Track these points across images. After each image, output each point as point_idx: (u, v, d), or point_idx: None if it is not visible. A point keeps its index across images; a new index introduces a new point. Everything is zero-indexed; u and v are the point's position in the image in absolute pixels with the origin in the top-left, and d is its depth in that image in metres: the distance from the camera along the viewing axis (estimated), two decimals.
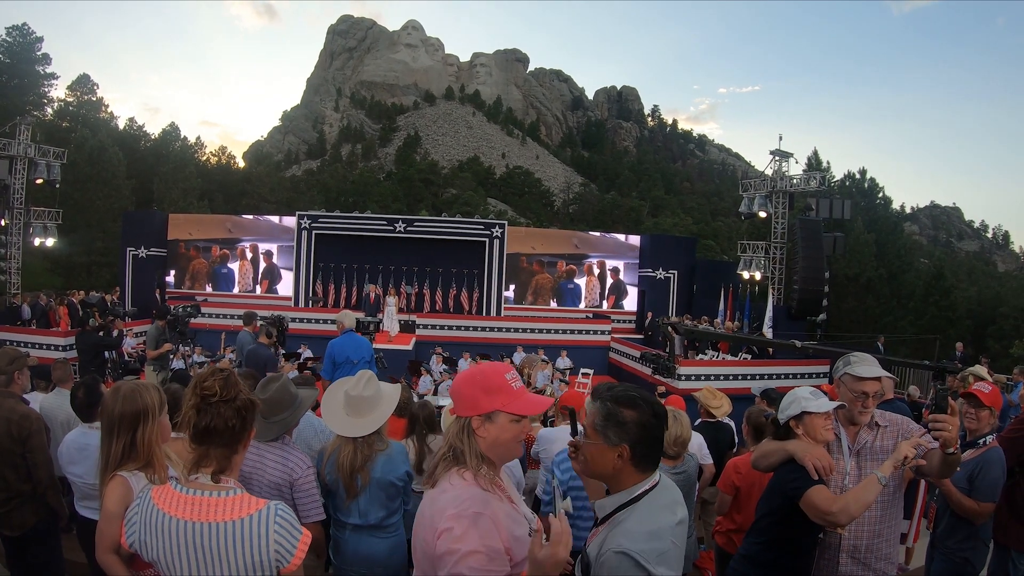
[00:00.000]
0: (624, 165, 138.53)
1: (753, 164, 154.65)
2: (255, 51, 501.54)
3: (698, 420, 5.00)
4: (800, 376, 13.79)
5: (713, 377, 12.95)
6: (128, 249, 20.36)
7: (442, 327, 18.47)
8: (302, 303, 19.76)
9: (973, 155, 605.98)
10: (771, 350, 15.25)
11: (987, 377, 6.21)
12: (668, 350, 13.40)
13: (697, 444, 4.31)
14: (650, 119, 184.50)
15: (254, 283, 21.65)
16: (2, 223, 19.25)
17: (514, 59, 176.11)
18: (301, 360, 13.06)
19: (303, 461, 2.66)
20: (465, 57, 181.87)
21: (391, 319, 16.89)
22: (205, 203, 40.76)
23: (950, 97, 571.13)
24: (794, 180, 20.85)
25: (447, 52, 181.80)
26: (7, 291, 19.65)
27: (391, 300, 17.35)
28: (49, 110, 42.35)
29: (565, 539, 1.50)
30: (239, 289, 21.53)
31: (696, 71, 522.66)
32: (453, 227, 20.97)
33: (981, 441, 3.26)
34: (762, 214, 21.20)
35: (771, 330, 17.48)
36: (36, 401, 4.07)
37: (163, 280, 21.01)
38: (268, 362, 6.90)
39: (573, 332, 18.88)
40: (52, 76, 40.88)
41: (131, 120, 51.01)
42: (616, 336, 18.89)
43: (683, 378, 12.90)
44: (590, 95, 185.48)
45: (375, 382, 2.78)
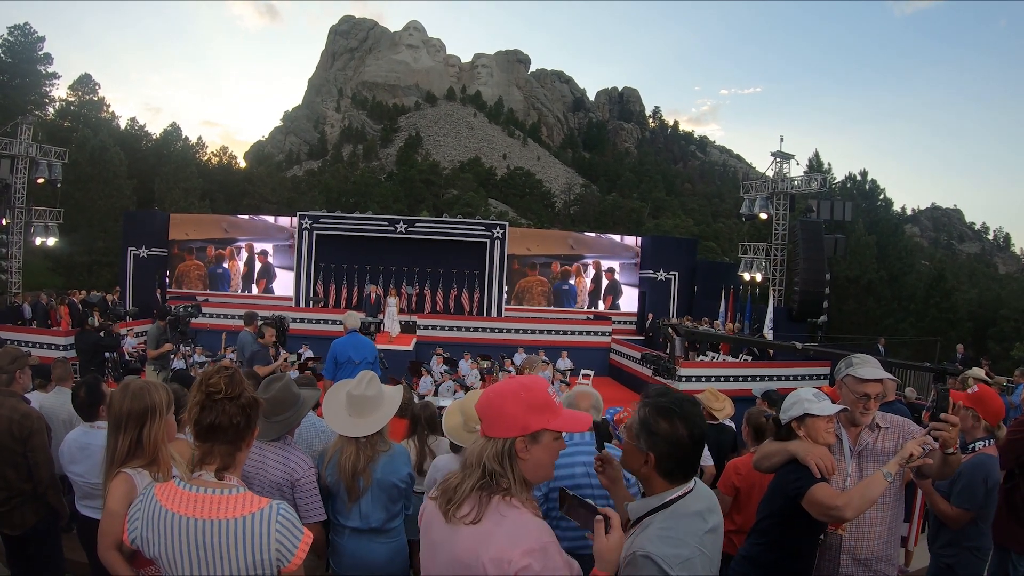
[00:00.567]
0: (625, 166, 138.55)
1: (754, 166, 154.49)
2: (256, 51, 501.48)
3: None
4: (801, 378, 13.78)
5: (714, 378, 12.95)
6: (129, 249, 20.35)
7: (443, 328, 18.46)
8: (303, 303, 19.76)
9: (974, 157, 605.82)
10: (771, 352, 15.25)
11: (986, 379, 6.20)
12: (669, 351, 13.40)
13: None
14: (651, 120, 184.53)
15: (247, 283, 21.65)
16: (3, 222, 19.28)
17: (515, 60, 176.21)
18: (302, 360, 13.09)
19: (304, 461, 2.66)
20: (466, 58, 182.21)
21: (392, 320, 16.90)
22: (206, 203, 40.80)
23: (951, 99, 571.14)
24: (795, 182, 20.85)
25: (448, 53, 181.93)
26: (8, 290, 19.68)
27: (392, 301, 17.36)
28: (51, 110, 42.41)
29: (618, 522, 1.57)
30: (232, 289, 21.56)
31: (697, 72, 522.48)
32: (454, 228, 20.96)
33: (971, 447, 3.23)
34: (763, 216, 21.20)
35: (772, 332, 17.47)
36: (37, 400, 4.07)
37: (164, 280, 21.02)
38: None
39: (574, 333, 18.87)
40: (54, 76, 40.98)
41: (132, 120, 51.21)
42: (616, 337, 18.90)
43: (684, 379, 12.90)
44: (591, 96, 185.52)
45: (377, 382, 2.76)
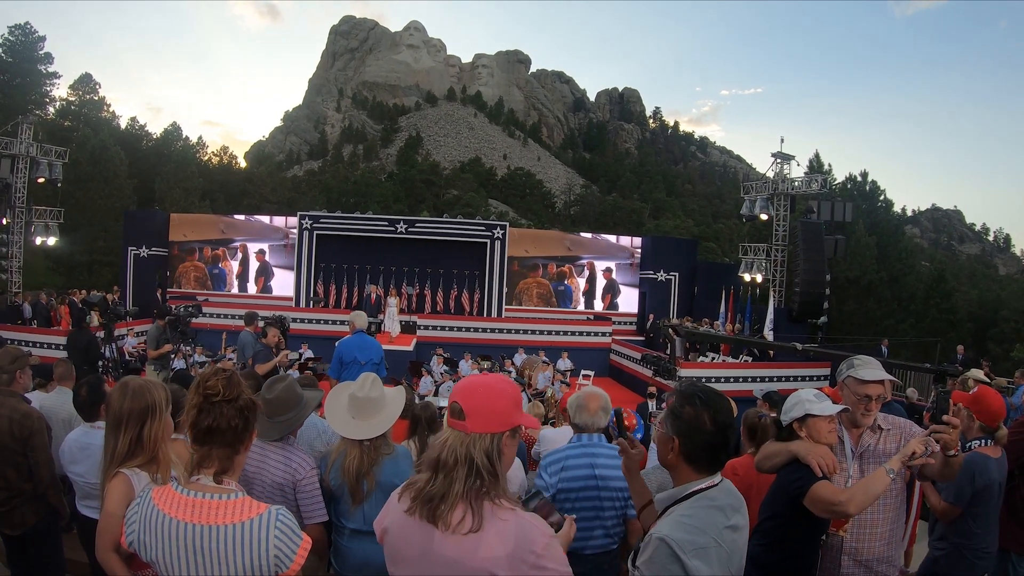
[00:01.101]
0: (625, 167, 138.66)
1: (755, 166, 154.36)
2: (257, 51, 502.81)
3: None
4: (801, 379, 13.78)
5: (714, 379, 12.98)
6: (129, 248, 20.34)
7: (443, 328, 18.45)
8: (303, 303, 19.76)
9: (974, 158, 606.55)
10: (772, 352, 15.24)
11: (985, 380, 6.20)
12: (669, 352, 13.39)
13: None
14: (652, 121, 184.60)
15: (243, 283, 21.67)
16: (4, 222, 19.25)
17: (516, 60, 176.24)
18: (302, 360, 13.10)
19: (306, 462, 2.65)
20: (467, 58, 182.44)
21: (392, 320, 16.91)
22: (207, 203, 40.77)
23: (952, 100, 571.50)
24: (795, 183, 20.83)
25: (449, 53, 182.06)
26: (8, 290, 19.66)
27: (392, 301, 17.37)
28: (51, 109, 42.31)
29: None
30: (227, 289, 21.59)
31: (698, 73, 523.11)
32: (454, 228, 20.96)
33: (968, 445, 3.23)
34: (763, 216, 21.18)
35: (772, 332, 17.46)
36: (37, 400, 4.07)
37: (164, 280, 21.02)
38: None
39: (574, 334, 18.86)
40: (54, 75, 40.86)
41: (133, 120, 51.15)
42: (616, 338, 18.89)
43: (684, 380, 12.88)
44: (592, 97, 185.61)
45: (379, 384, 2.76)
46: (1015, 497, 3.34)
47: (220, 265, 21.72)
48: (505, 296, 21.05)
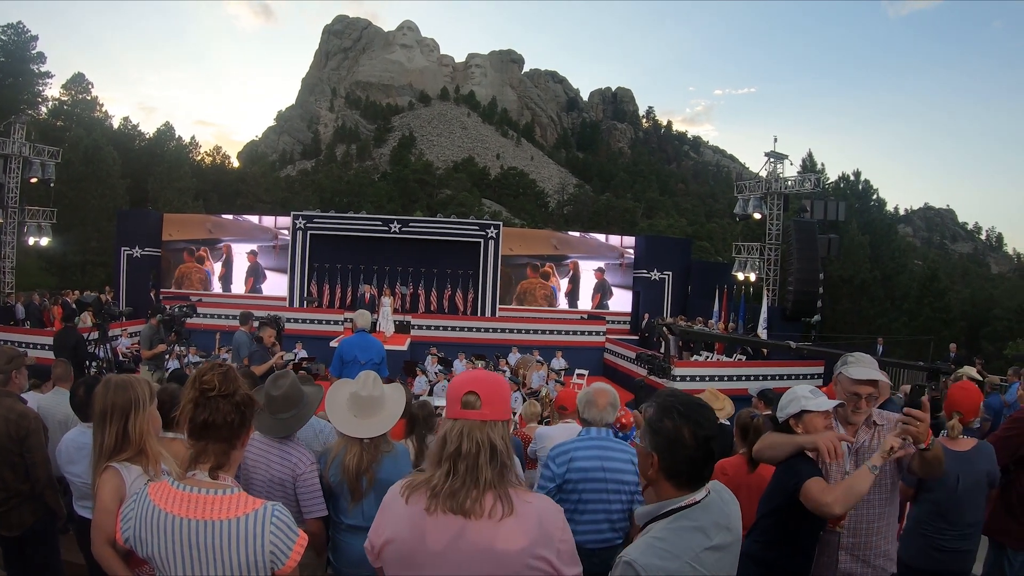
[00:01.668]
0: (619, 166, 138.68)
1: (748, 166, 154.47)
2: (251, 51, 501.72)
3: None
4: (794, 377, 13.81)
5: (708, 378, 12.99)
6: (123, 248, 20.24)
7: (437, 328, 18.42)
8: (297, 303, 19.72)
9: (967, 157, 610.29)
10: (766, 351, 15.30)
11: (977, 377, 6.24)
12: (663, 351, 13.43)
13: None
14: (645, 120, 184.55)
15: (226, 284, 21.53)
16: None
17: (509, 60, 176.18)
18: (296, 360, 13.09)
19: (306, 456, 2.66)
20: (460, 58, 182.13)
21: (387, 320, 16.90)
22: (200, 203, 40.60)
23: (945, 99, 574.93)
24: (789, 182, 20.93)
25: (442, 53, 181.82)
26: (1, 291, 19.56)
27: (386, 301, 17.36)
28: (44, 109, 42.01)
29: None
30: (211, 289, 21.46)
31: (691, 73, 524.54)
32: (448, 228, 20.96)
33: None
34: (757, 216, 21.28)
35: (766, 331, 17.51)
36: (33, 400, 4.05)
37: (158, 280, 20.93)
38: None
39: (568, 333, 18.87)
40: (47, 75, 40.56)
41: (126, 119, 50.82)
42: (610, 337, 18.91)
43: (678, 379, 12.93)
44: (585, 96, 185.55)
45: (380, 382, 2.77)
46: (1010, 492, 3.35)
47: (204, 266, 21.61)
48: (506, 296, 21.08)
